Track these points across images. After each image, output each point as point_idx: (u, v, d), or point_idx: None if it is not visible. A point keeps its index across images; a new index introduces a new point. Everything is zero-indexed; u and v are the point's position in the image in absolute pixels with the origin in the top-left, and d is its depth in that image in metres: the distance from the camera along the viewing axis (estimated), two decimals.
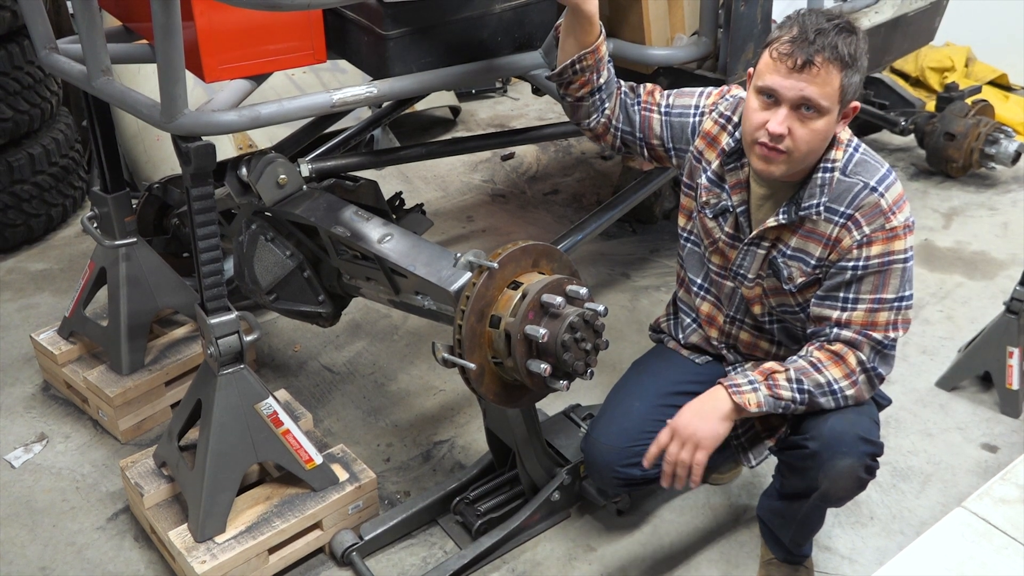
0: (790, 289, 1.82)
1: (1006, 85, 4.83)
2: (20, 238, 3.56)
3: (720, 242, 1.92)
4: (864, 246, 1.71)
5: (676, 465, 1.75)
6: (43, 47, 2.19)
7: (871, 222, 1.70)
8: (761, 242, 1.83)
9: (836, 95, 1.64)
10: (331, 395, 2.79)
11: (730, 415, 1.74)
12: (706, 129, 1.91)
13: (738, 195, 1.86)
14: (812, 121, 1.65)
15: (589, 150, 4.43)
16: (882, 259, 1.71)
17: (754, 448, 1.90)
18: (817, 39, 1.60)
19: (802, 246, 1.78)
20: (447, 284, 1.89)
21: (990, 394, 2.72)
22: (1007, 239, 3.60)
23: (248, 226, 2.33)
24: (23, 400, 2.77)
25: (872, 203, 1.71)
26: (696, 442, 1.73)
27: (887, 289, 1.73)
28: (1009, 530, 1.64)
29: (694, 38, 2.56)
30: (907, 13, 3.24)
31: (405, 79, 2.08)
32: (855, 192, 1.72)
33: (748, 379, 1.76)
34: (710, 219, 1.93)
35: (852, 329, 1.74)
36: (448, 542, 2.24)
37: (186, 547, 2.03)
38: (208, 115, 1.83)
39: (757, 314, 1.93)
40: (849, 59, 1.62)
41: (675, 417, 1.77)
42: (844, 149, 1.75)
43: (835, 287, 1.75)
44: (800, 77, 1.62)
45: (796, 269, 1.80)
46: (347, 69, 3.94)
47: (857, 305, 1.74)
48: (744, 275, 1.89)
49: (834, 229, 1.73)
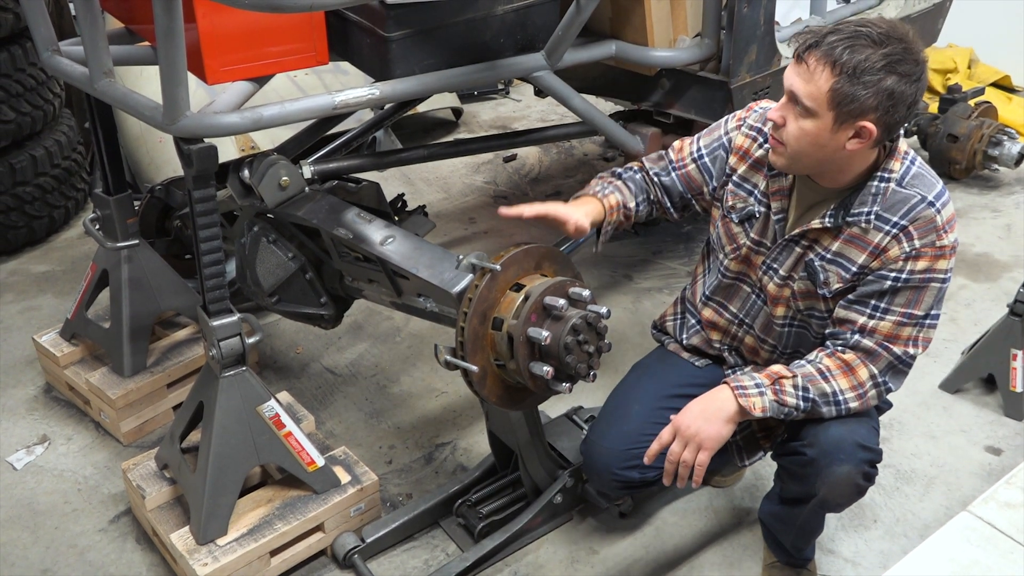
0: (824, 294, 1.78)
1: (1009, 87, 4.82)
2: (22, 240, 3.57)
3: (744, 248, 1.89)
4: (911, 259, 1.68)
5: (678, 464, 1.73)
6: (45, 49, 2.19)
7: (923, 236, 1.67)
8: (800, 241, 1.80)
9: (823, 99, 1.57)
10: (333, 397, 2.78)
11: (734, 417, 1.72)
12: (738, 144, 1.90)
13: (778, 202, 1.83)
14: (800, 119, 1.63)
15: (591, 152, 4.43)
16: (924, 275, 1.68)
17: (748, 448, 1.89)
18: (826, 38, 1.57)
19: (844, 251, 1.74)
20: (449, 286, 1.89)
21: (994, 396, 2.71)
22: (1010, 241, 3.59)
23: (250, 228, 2.33)
24: (25, 402, 2.77)
25: (928, 218, 1.68)
26: (699, 442, 1.71)
27: (920, 305, 1.70)
28: (1015, 535, 1.63)
29: (697, 40, 2.56)
30: (910, 14, 3.24)
31: (407, 81, 2.08)
32: (912, 204, 1.68)
33: (755, 382, 1.73)
34: (735, 224, 1.90)
35: (874, 339, 1.71)
36: (450, 545, 2.24)
37: (188, 549, 2.03)
38: (210, 117, 1.82)
39: (778, 315, 1.89)
40: (849, 68, 1.54)
41: (679, 415, 1.74)
42: (902, 161, 1.72)
43: (869, 294, 1.72)
44: (795, 70, 1.62)
45: (834, 275, 1.76)
46: (349, 71, 3.94)
47: (887, 316, 1.71)
48: (776, 270, 1.85)
49: (883, 238, 1.69)
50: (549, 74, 2.31)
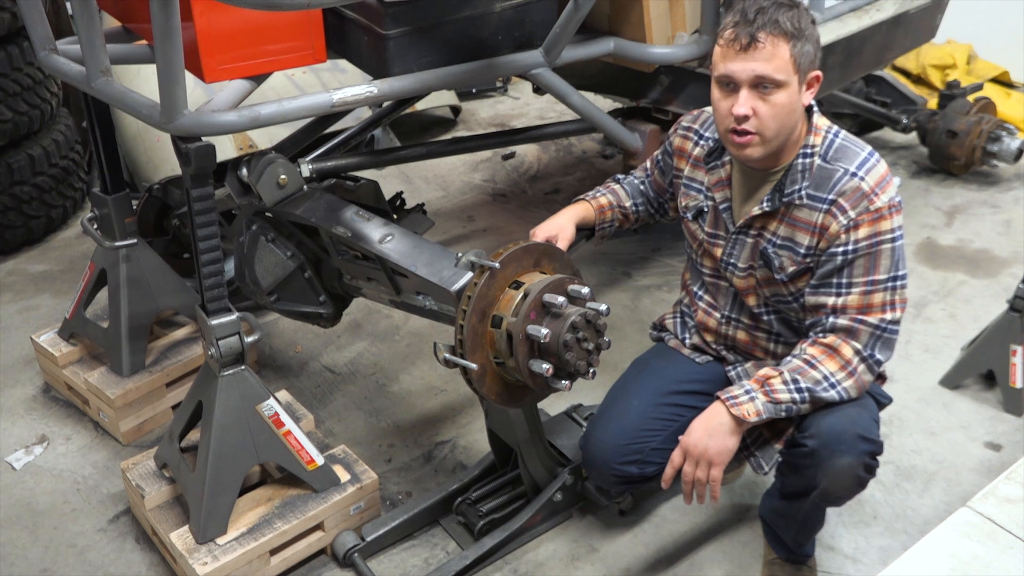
0: (781, 279, 1.84)
1: (1008, 82, 4.82)
2: (20, 240, 3.56)
3: (705, 243, 1.97)
4: (851, 230, 1.72)
5: (694, 485, 1.77)
6: (42, 48, 2.18)
7: (855, 205, 1.72)
8: (748, 231, 1.86)
9: (789, 66, 1.67)
10: (332, 396, 2.78)
11: (736, 429, 1.75)
12: (677, 146, 2.03)
13: (720, 192, 1.91)
14: (772, 95, 1.68)
15: (590, 149, 4.43)
16: (870, 241, 1.73)
17: (764, 453, 1.89)
18: (757, 18, 1.66)
19: (790, 235, 1.80)
20: (448, 284, 1.88)
21: (993, 392, 2.71)
22: (1010, 237, 3.59)
23: (249, 227, 2.32)
24: (24, 402, 2.77)
25: (853, 187, 1.73)
26: (709, 459, 1.74)
27: (879, 270, 1.74)
28: (1015, 530, 1.63)
29: (695, 36, 2.56)
30: (908, 10, 3.23)
31: (405, 78, 2.08)
32: (836, 178, 1.74)
33: (744, 389, 1.77)
34: (691, 221, 1.99)
35: (848, 315, 1.75)
36: (450, 543, 2.23)
37: (187, 549, 2.03)
38: (208, 116, 1.82)
39: (753, 306, 1.93)
40: (794, 30, 1.65)
41: (685, 436, 1.78)
42: (823, 135, 1.78)
43: (828, 274, 1.77)
44: (749, 56, 1.66)
45: (787, 258, 1.81)
46: (347, 69, 3.93)
47: (851, 289, 1.75)
48: (735, 264, 1.91)
49: (819, 216, 1.75)
50: (547, 71, 2.31)
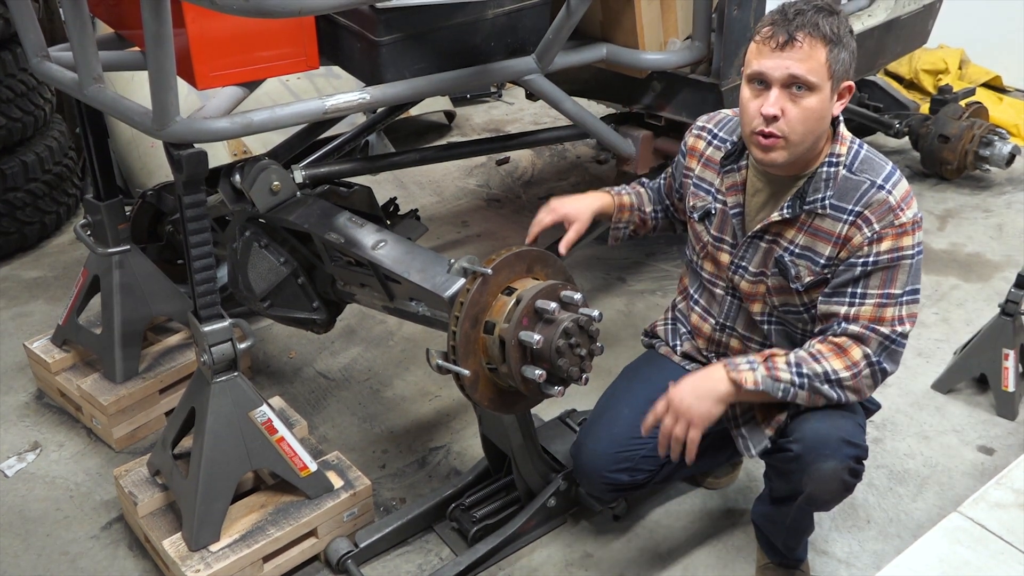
0: (797, 288, 1.81)
1: (1000, 87, 4.84)
2: (14, 246, 3.56)
3: (709, 245, 1.94)
4: (874, 242, 1.71)
5: (671, 439, 1.76)
6: (35, 55, 2.18)
7: (881, 219, 1.71)
8: (763, 236, 1.84)
9: (824, 70, 1.64)
10: (326, 402, 2.78)
11: (726, 397, 1.74)
12: (691, 145, 2.01)
13: (733, 197, 1.88)
14: (804, 99, 1.65)
15: (584, 154, 4.44)
16: (891, 255, 1.71)
17: (753, 435, 1.86)
18: (797, 18, 1.64)
19: (810, 244, 1.78)
20: (441, 290, 1.88)
21: (986, 396, 2.72)
22: (1002, 241, 3.60)
23: (242, 233, 2.32)
24: (16, 409, 2.76)
25: (880, 200, 1.71)
26: (689, 419, 1.73)
27: (895, 284, 1.73)
28: (1005, 535, 1.63)
29: (687, 42, 2.56)
30: (900, 16, 3.25)
31: (398, 85, 2.08)
32: (863, 190, 1.72)
33: (747, 359, 1.76)
34: (697, 222, 1.96)
35: (859, 324, 1.74)
36: (444, 549, 2.23)
37: (180, 556, 2.02)
38: (200, 122, 1.82)
39: (756, 313, 1.91)
40: (832, 35, 1.63)
41: (673, 388, 1.77)
42: (848, 145, 1.77)
43: (843, 283, 1.75)
44: (785, 55, 1.64)
45: (804, 268, 1.79)
46: (342, 75, 3.91)
47: (865, 300, 1.73)
48: (746, 268, 1.88)
49: (843, 227, 1.73)
50: (540, 77, 2.32)
